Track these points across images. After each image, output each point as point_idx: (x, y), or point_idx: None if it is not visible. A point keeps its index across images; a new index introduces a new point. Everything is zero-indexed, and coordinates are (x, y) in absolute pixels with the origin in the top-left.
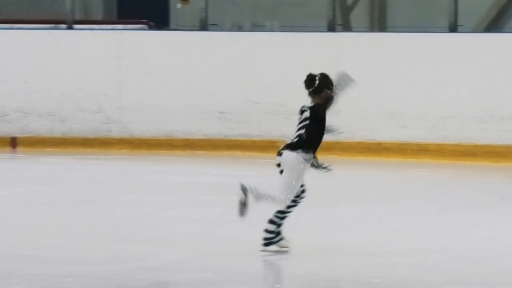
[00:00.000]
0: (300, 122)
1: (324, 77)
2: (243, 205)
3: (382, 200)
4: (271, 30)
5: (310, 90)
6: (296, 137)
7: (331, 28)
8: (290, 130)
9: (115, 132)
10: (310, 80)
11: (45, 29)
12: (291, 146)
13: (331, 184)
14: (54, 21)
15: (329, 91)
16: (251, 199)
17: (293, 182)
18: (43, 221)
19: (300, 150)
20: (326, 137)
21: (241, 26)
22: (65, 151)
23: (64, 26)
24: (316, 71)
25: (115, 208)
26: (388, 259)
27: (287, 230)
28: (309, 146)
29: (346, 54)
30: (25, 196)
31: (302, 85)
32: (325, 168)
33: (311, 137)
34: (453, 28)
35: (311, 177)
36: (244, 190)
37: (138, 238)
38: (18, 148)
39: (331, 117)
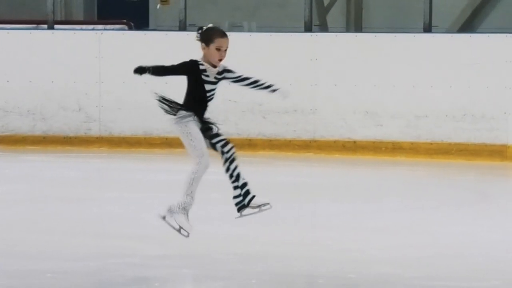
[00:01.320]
0: None
1: (204, 30)
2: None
3: (358, 197)
4: (249, 30)
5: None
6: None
7: (308, 29)
8: (266, 128)
9: (95, 130)
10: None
11: (27, 29)
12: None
13: (308, 182)
14: (36, 21)
15: (202, 44)
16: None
17: (191, 143)
18: (24, 218)
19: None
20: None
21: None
22: (46, 149)
23: (45, 26)
24: (292, 70)
25: (96, 205)
26: (365, 255)
27: (266, 224)
28: (187, 105)
29: (322, 54)
30: (6, 194)
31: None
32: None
33: (187, 95)
34: (428, 28)
35: (288, 175)
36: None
37: (118, 235)
38: None
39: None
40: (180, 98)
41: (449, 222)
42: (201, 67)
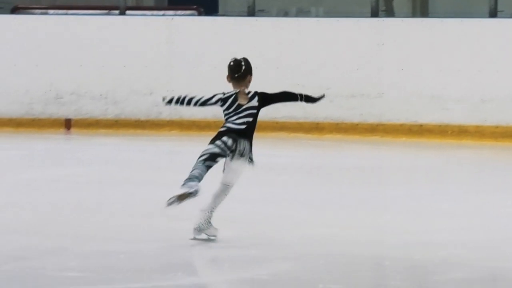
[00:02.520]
0: (244, 110)
1: (248, 62)
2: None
3: (424, 180)
4: (316, 16)
5: (237, 75)
6: (244, 123)
7: (375, 14)
8: (334, 112)
9: (166, 114)
10: (238, 65)
11: (99, 15)
12: (245, 135)
13: (375, 165)
14: (107, 7)
15: (251, 76)
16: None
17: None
18: (97, 200)
19: (249, 140)
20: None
21: (287, 12)
22: (117, 133)
23: (117, 12)
24: (359, 55)
25: (166, 188)
26: (430, 237)
27: (330, 207)
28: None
29: (389, 39)
30: (80, 176)
31: (329, 69)
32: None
33: (254, 126)
34: (493, 13)
35: (355, 158)
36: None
37: (188, 217)
38: (72, 130)
39: (372, 99)
40: None
41: None
42: None
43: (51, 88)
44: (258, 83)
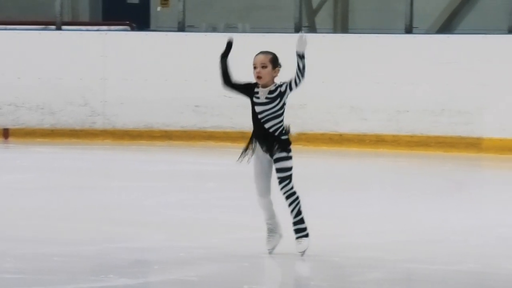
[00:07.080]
0: None
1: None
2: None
3: (344, 186)
4: (243, 31)
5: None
6: None
7: (298, 30)
8: None
9: (99, 124)
10: None
11: (36, 30)
12: None
13: (297, 172)
14: (44, 23)
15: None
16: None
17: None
18: (33, 205)
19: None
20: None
21: (216, 28)
22: (53, 142)
23: (53, 27)
24: (283, 68)
25: (100, 193)
26: (349, 240)
27: (256, 212)
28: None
29: (311, 53)
30: (17, 183)
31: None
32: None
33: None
34: (409, 30)
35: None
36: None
37: (121, 221)
38: (10, 139)
39: (296, 110)
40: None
41: (428, 209)
42: (255, 89)
43: None
44: (188, 94)
